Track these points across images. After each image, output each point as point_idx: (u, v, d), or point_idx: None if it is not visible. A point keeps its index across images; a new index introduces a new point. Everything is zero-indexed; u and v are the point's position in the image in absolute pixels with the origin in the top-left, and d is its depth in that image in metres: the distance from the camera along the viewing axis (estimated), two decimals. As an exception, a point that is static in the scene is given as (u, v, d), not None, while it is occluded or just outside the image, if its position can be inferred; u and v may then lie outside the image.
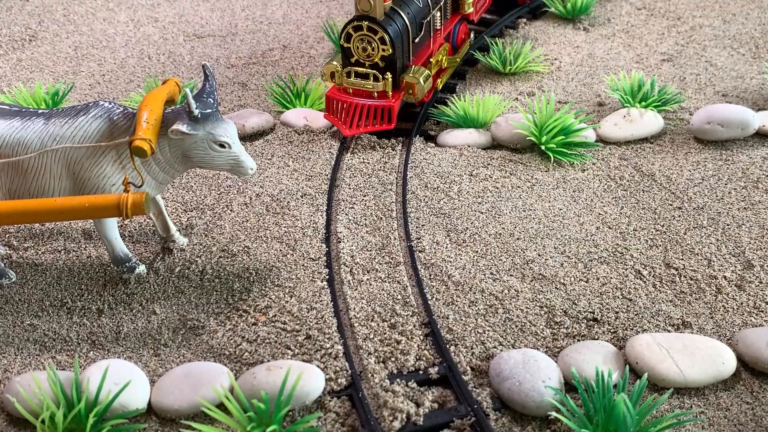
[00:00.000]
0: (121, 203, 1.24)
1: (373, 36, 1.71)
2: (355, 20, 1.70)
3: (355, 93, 1.80)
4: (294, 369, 1.19)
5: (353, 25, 1.71)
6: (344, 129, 1.79)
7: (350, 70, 1.77)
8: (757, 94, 2.01)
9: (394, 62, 1.74)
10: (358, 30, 1.71)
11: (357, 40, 1.72)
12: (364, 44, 1.71)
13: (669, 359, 1.22)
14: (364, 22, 1.69)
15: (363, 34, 1.71)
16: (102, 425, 1.14)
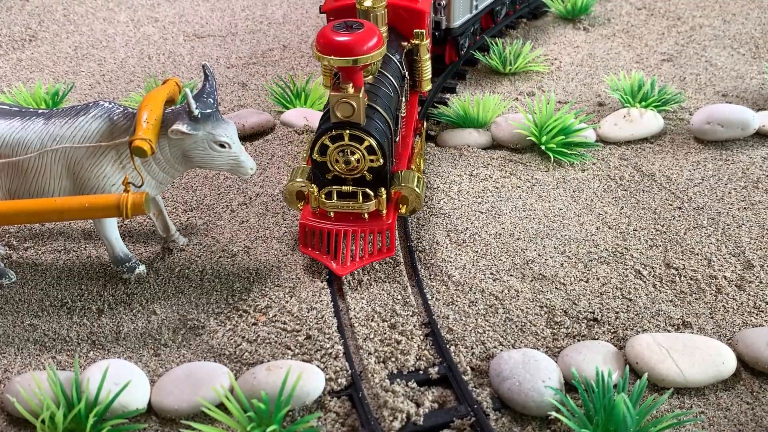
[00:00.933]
0: (121, 203, 1.24)
1: (357, 146, 1.34)
2: (333, 129, 1.34)
3: (338, 216, 1.42)
4: (294, 369, 1.19)
5: (330, 135, 1.34)
6: (335, 267, 1.40)
7: (331, 190, 1.39)
8: (757, 94, 2.01)
9: (385, 173, 1.38)
10: (337, 140, 1.34)
11: (336, 153, 1.35)
12: (346, 156, 1.35)
13: (669, 359, 1.22)
14: (345, 131, 1.33)
15: (344, 144, 1.34)
16: (102, 425, 1.14)
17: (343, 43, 1.26)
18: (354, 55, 1.26)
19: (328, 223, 1.42)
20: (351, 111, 1.31)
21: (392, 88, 1.47)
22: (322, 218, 1.42)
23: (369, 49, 1.27)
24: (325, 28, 1.28)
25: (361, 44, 1.26)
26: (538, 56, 2.22)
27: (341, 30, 1.28)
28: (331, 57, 1.26)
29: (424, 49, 1.59)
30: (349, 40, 1.26)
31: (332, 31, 1.27)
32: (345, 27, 1.28)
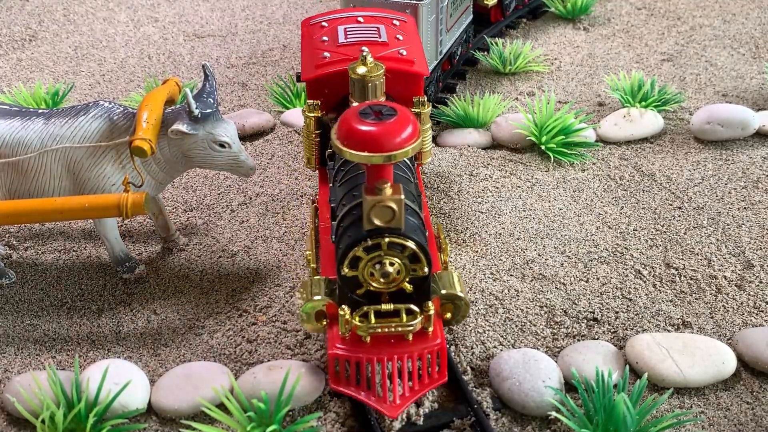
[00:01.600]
0: (121, 203, 1.24)
1: (398, 255, 1.06)
2: (369, 238, 1.04)
3: (375, 341, 1.11)
4: (294, 369, 1.19)
5: (366, 245, 1.05)
6: (386, 408, 1.09)
7: (368, 310, 1.09)
8: (757, 94, 2.01)
9: (428, 282, 1.09)
10: (373, 251, 1.05)
11: (370, 266, 1.06)
12: (383, 268, 1.06)
13: (669, 359, 1.22)
14: (383, 239, 1.04)
15: (381, 254, 1.05)
16: (102, 425, 1.14)
17: (375, 135, 0.98)
18: (388, 149, 0.99)
19: (365, 351, 1.09)
20: (391, 216, 1.03)
21: (407, 168, 1.25)
22: (355, 345, 1.10)
23: (406, 141, 0.99)
24: (349, 116, 1.01)
25: (395, 135, 0.99)
26: (538, 56, 2.22)
27: (369, 118, 1.00)
28: (362, 153, 0.98)
29: (426, 118, 1.34)
30: (382, 130, 0.99)
31: (358, 119, 1.00)
32: (373, 113, 1.01)
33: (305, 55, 1.38)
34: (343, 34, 1.38)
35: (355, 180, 1.16)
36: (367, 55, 1.20)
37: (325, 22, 1.43)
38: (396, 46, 1.36)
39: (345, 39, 1.36)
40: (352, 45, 1.35)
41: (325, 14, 1.47)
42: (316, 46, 1.37)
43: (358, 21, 1.41)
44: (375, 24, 1.41)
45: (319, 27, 1.42)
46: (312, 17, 1.48)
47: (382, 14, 1.45)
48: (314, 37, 1.39)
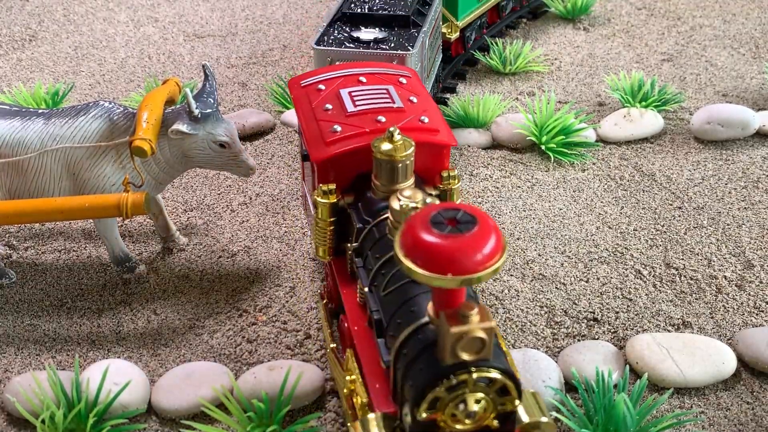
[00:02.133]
0: (121, 203, 1.24)
1: (484, 389, 0.85)
2: (452, 375, 0.82)
3: None
4: (294, 369, 1.19)
5: (448, 385, 0.82)
6: None
7: None
8: (757, 94, 2.01)
9: (515, 414, 0.89)
10: (456, 389, 0.83)
11: (452, 407, 0.84)
12: (469, 408, 0.85)
13: (669, 359, 1.22)
14: (469, 375, 0.82)
15: (465, 392, 0.84)
16: (102, 425, 1.14)
17: (453, 252, 0.76)
18: (468, 270, 0.76)
19: None
20: (480, 346, 0.83)
21: None
22: None
23: (489, 258, 0.76)
24: (417, 224, 0.77)
25: (476, 251, 0.76)
26: (538, 56, 2.22)
27: (443, 229, 0.76)
28: (438, 276, 0.75)
29: (456, 195, 1.16)
30: (461, 245, 0.76)
31: (429, 229, 0.76)
32: (445, 221, 0.77)
33: (308, 128, 1.14)
34: (349, 100, 1.16)
35: (407, 290, 0.92)
36: (394, 131, 1.01)
37: (321, 84, 1.21)
38: (414, 112, 1.14)
39: (354, 107, 1.15)
40: (365, 114, 1.14)
41: (315, 73, 1.25)
42: (320, 117, 1.14)
43: (361, 81, 1.21)
44: (382, 85, 1.20)
45: (315, 90, 1.20)
46: (301, 77, 1.25)
47: (383, 71, 1.25)
48: (314, 103, 1.17)
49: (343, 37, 1.50)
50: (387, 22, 1.52)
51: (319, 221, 1.11)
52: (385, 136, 1.02)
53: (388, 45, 1.46)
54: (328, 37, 1.50)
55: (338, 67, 1.25)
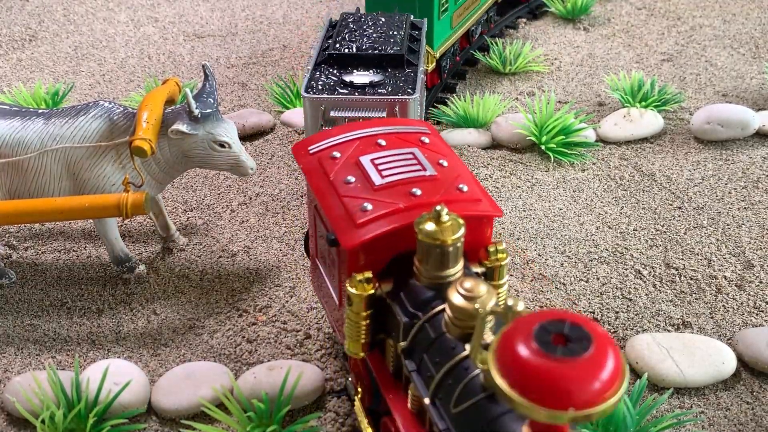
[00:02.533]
0: (121, 203, 1.24)
1: None
2: None
3: None
4: (294, 369, 1.19)
5: None
6: None
7: None
8: (757, 94, 2.01)
9: None
10: None
11: None
12: None
13: (669, 359, 1.22)
14: None
15: None
16: (102, 425, 1.14)
17: (576, 383, 0.62)
18: (594, 402, 0.62)
19: None
20: None
21: None
22: None
23: (607, 387, 0.62)
24: (517, 344, 0.64)
25: (592, 380, 0.62)
26: (538, 56, 2.22)
27: (553, 350, 0.62)
28: (543, 410, 0.61)
29: (504, 271, 1.04)
30: (573, 374, 0.62)
31: (538, 353, 0.62)
32: (553, 340, 0.63)
33: (330, 206, 0.97)
34: (374, 169, 0.99)
35: (488, 409, 0.76)
36: (441, 210, 0.87)
37: (334, 150, 1.04)
38: (448, 179, 0.99)
39: (381, 177, 0.97)
40: (396, 186, 0.97)
41: (322, 137, 1.07)
42: (343, 192, 0.97)
43: (380, 145, 1.04)
44: (406, 148, 1.04)
45: (329, 159, 1.03)
46: (306, 142, 1.08)
47: (400, 129, 1.09)
48: (331, 175, 1.00)
49: (334, 81, 1.31)
50: (378, 63, 1.35)
51: (352, 315, 0.93)
52: (431, 216, 0.87)
53: (386, 89, 1.30)
54: (317, 83, 1.31)
55: (346, 128, 1.09)
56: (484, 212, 1.00)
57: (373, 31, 1.43)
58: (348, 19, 1.49)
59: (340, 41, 1.41)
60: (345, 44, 1.40)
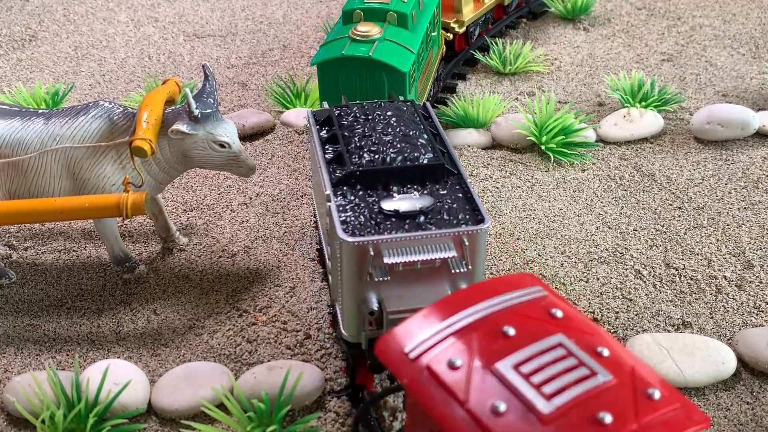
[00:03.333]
0: (121, 203, 1.24)
1: None
2: None
3: None
4: (294, 369, 1.19)
5: None
6: None
7: None
8: (757, 94, 2.01)
9: None
10: None
11: None
12: None
13: (669, 359, 1.22)
14: None
15: None
16: (102, 425, 1.14)
17: None
18: None
19: None
20: None
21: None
22: None
23: None
24: None
25: None
26: (538, 56, 2.22)
27: None
28: None
29: None
30: None
31: None
32: None
33: None
34: (525, 384, 0.67)
35: None
36: None
37: (450, 354, 0.71)
38: (629, 382, 0.69)
39: (544, 399, 0.66)
40: (572, 410, 0.65)
41: (418, 327, 0.74)
42: (495, 427, 0.65)
43: (508, 336, 0.72)
44: (547, 337, 0.72)
45: (447, 369, 0.70)
46: (396, 339, 0.73)
47: (513, 298, 0.77)
48: (461, 395, 0.67)
49: (369, 210, 1.01)
50: (412, 177, 1.07)
51: None
52: None
53: (443, 216, 1.01)
54: (348, 216, 1.00)
55: (442, 307, 0.76)
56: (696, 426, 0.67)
57: (390, 132, 1.13)
58: (345, 115, 1.20)
59: (355, 151, 1.10)
60: (363, 154, 1.09)
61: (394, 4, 1.60)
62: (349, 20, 1.61)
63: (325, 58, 1.52)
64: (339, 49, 1.52)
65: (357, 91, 1.53)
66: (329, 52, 1.53)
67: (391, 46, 1.52)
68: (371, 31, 1.54)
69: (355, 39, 1.53)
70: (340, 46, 1.52)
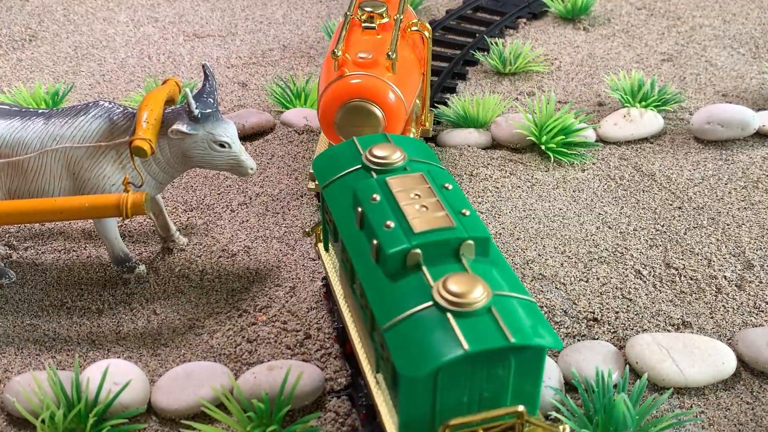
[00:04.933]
0: (121, 203, 1.24)
1: None
2: None
3: None
4: (294, 369, 1.19)
5: None
6: None
7: None
8: (757, 94, 2.01)
9: None
10: None
11: None
12: None
13: (669, 359, 1.22)
14: None
15: None
16: (102, 425, 1.14)
17: None
18: None
19: None
20: None
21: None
22: None
23: None
24: None
25: None
26: (538, 56, 2.22)
27: None
28: None
29: None
30: None
31: None
32: None
33: None
34: None
35: None
36: None
37: None
38: None
39: None
40: None
41: None
42: None
43: None
44: None
45: None
46: None
47: None
48: None
49: None
50: None
51: None
52: None
53: None
54: None
55: None
56: None
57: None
58: None
59: None
60: None
61: None
62: None
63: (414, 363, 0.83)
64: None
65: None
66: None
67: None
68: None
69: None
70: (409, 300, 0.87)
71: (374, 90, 1.33)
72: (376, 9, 1.46)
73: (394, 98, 1.34)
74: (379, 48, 1.39)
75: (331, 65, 1.36)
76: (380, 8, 1.47)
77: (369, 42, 1.42)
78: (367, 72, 1.34)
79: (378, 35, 1.44)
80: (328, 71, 1.37)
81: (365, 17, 1.47)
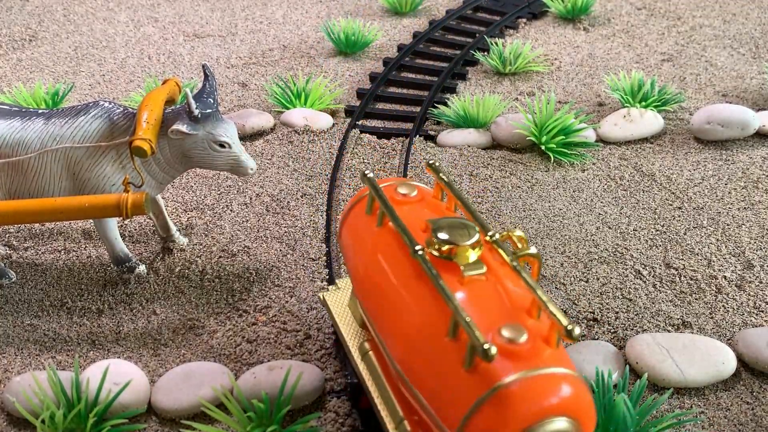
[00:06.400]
0: (121, 203, 1.24)
1: None
2: None
3: None
4: (294, 369, 1.19)
5: None
6: None
7: None
8: (757, 94, 2.01)
9: None
10: None
11: None
12: None
13: (669, 359, 1.22)
14: None
15: None
16: (102, 425, 1.14)
17: None
18: None
19: None
20: None
21: None
22: None
23: None
24: None
25: None
26: (538, 56, 2.22)
27: None
28: None
29: None
30: None
31: None
32: None
33: None
34: None
35: None
36: None
37: None
38: None
39: None
40: None
41: None
42: None
43: None
44: None
45: None
46: None
47: None
48: None
49: None
50: None
51: None
52: None
53: None
54: None
55: None
56: None
57: None
58: None
59: None
60: None
61: None
62: None
63: None
64: None
65: None
66: None
67: None
68: None
69: None
70: None
71: (576, 400, 0.80)
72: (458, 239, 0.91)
73: (588, 399, 0.82)
74: (509, 304, 0.88)
75: (452, 359, 0.82)
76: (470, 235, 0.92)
77: (480, 295, 0.88)
78: (548, 368, 0.81)
79: (482, 275, 0.90)
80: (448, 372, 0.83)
81: (442, 249, 0.91)
